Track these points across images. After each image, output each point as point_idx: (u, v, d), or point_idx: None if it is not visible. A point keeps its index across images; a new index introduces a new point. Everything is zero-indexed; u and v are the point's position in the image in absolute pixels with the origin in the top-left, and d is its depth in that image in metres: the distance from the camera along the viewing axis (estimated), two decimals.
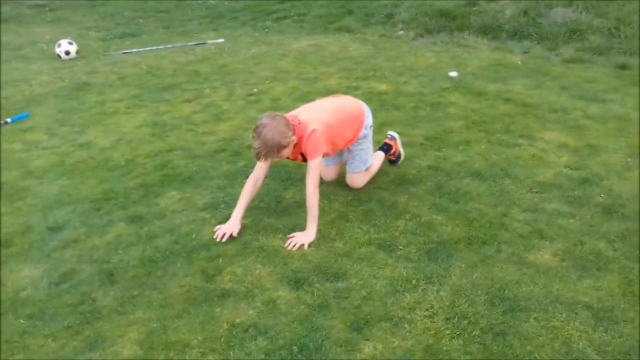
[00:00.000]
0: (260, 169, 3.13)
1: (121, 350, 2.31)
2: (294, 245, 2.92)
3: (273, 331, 2.35)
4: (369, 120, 3.38)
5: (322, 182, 3.30)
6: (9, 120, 4.94)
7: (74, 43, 7.20)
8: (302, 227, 3.04)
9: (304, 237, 2.96)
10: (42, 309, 2.57)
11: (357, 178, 3.42)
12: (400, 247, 2.88)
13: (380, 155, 3.59)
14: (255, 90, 5.53)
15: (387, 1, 8.60)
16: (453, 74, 5.68)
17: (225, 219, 3.17)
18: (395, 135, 3.74)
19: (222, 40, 7.87)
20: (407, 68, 6.04)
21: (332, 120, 3.14)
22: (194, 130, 4.60)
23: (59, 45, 7.11)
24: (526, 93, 5.05)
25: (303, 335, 2.32)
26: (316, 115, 3.11)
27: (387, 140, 3.68)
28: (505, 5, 7.58)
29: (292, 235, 2.99)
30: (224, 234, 3.02)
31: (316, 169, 3.00)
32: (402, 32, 7.83)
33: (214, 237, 3.03)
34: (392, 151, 3.65)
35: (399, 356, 2.19)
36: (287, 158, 3.12)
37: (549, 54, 6.33)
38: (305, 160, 3.12)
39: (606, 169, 3.60)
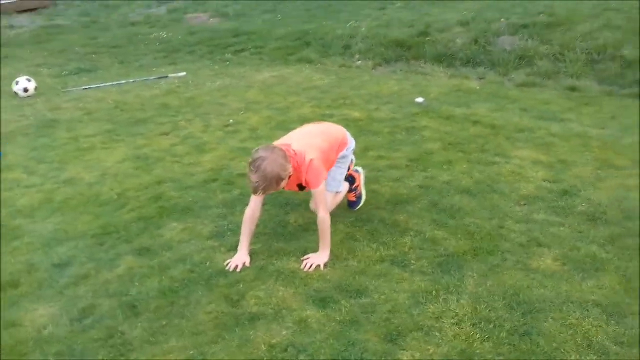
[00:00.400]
0: (256, 202, 3.13)
1: None
2: (310, 266, 2.99)
3: (311, 348, 2.43)
4: (352, 144, 3.46)
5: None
6: None
7: (32, 80, 7.05)
8: (312, 250, 3.13)
9: (318, 258, 3.03)
10: (69, 345, 2.53)
11: (326, 197, 3.23)
12: (412, 261, 3.02)
13: (346, 185, 3.53)
14: (231, 120, 5.61)
15: (343, 32, 8.93)
16: (419, 99, 5.96)
17: (234, 245, 3.23)
18: (361, 170, 3.70)
19: (184, 73, 7.92)
20: (373, 96, 6.29)
21: (324, 146, 3.20)
22: (179, 161, 4.62)
23: (17, 83, 6.94)
24: (491, 115, 5.38)
25: (341, 350, 2.41)
26: (309, 142, 3.15)
27: (351, 172, 3.59)
28: (456, 34, 8.04)
29: (306, 257, 3.07)
30: (236, 265, 3.05)
31: (322, 195, 3.08)
32: (359, 62, 8.14)
33: (227, 268, 3.06)
34: (355, 184, 3.59)
35: (453, 356, 2.31)
36: (282, 188, 3.08)
37: (503, 79, 6.76)
38: (301, 189, 3.19)
39: (580, 180, 3.90)
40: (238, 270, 3.03)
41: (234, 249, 3.21)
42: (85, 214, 3.78)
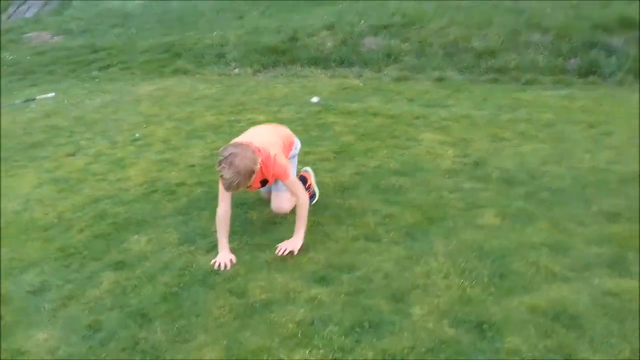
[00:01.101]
0: (226, 201, 3.23)
1: None
2: (284, 251, 3.12)
3: (335, 318, 2.67)
4: (298, 144, 3.71)
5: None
6: None
7: None
8: (287, 238, 3.33)
9: (292, 244, 3.16)
10: (100, 357, 2.50)
11: (285, 197, 3.45)
12: (382, 236, 3.38)
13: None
14: (137, 135, 5.52)
15: (212, 41, 9.04)
16: (315, 99, 6.37)
17: (210, 247, 3.34)
18: (310, 170, 3.90)
19: (53, 94, 7.50)
20: (268, 100, 6.56)
21: (281, 144, 3.40)
22: (104, 179, 4.51)
23: None
24: (385, 107, 5.95)
25: (361, 315, 2.68)
26: (268, 140, 3.30)
27: (303, 173, 3.81)
28: (324, 38, 8.59)
29: (280, 244, 3.18)
30: (224, 264, 3.13)
31: (296, 183, 3.27)
32: (237, 70, 8.34)
33: (215, 268, 3.14)
34: (308, 184, 3.74)
35: (444, 310, 2.69)
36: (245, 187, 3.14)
37: (378, 75, 7.42)
38: (263, 184, 3.39)
39: (483, 153, 4.56)
40: (228, 268, 3.14)
41: (212, 250, 3.31)
42: (32, 241, 3.59)
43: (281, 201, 3.50)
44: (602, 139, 4.69)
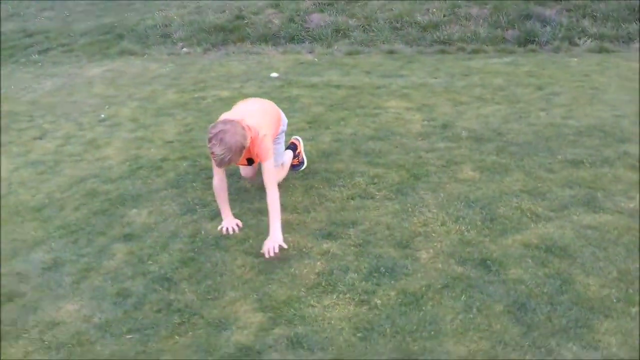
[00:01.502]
0: (219, 173, 3.25)
1: (249, 319, 2.57)
2: (275, 250, 2.94)
3: (352, 267, 2.88)
4: (285, 118, 3.78)
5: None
6: None
7: None
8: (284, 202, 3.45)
9: (274, 240, 2.97)
10: (136, 320, 2.59)
11: (275, 172, 3.42)
12: (375, 193, 3.61)
13: (289, 153, 3.84)
14: (103, 115, 5.47)
15: (156, 22, 8.91)
16: (274, 74, 6.49)
17: (212, 215, 3.47)
18: (299, 138, 4.03)
19: None
20: (227, 77, 6.62)
21: (271, 124, 3.42)
22: (83, 159, 4.48)
23: None
24: (344, 79, 6.17)
25: (375, 262, 2.90)
26: (261, 120, 3.28)
27: (293, 140, 3.96)
28: (270, 15, 8.67)
29: (263, 248, 2.99)
30: (232, 228, 3.27)
31: (273, 169, 3.18)
32: (185, 49, 8.28)
33: (224, 233, 3.26)
34: (297, 151, 3.91)
35: (448, 252, 2.96)
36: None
37: (330, 50, 7.60)
38: (250, 163, 3.45)
39: (449, 116, 4.88)
40: (237, 231, 3.27)
41: (215, 217, 3.43)
42: (28, 221, 3.57)
43: (246, 169, 3.65)
44: (552, 99, 5.13)
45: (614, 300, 2.51)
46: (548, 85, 5.51)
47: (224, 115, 3.29)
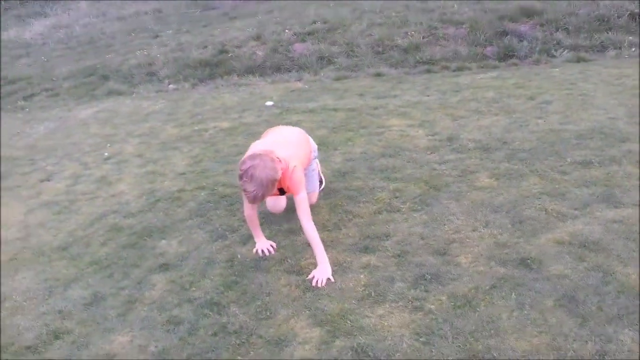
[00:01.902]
0: (250, 206, 3.19)
1: (308, 334, 2.60)
2: (322, 283, 2.95)
3: (397, 275, 2.94)
4: (314, 145, 3.66)
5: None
6: None
7: None
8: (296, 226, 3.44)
9: (323, 272, 3.00)
10: (195, 344, 2.60)
11: (314, 197, 3.62)
12: (401, 207, 3.68)
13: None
14: (106, 154, 5.46)
15: (139, 61, 8.96)
16: (269, 103, 6.59)
17: (245, 239, 3.50)
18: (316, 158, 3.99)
19: None
20: (222, 109, 6.68)
21: (301, 153, 3.31)
22: (98, 197, 4.47)
23: None
24: (340, 103, 6.30)
25: (418, 269, 2.97)
26: (293, 152, 3.20)
27: None
28: (254, 48, 8.82)
29: (310, 276, 3.01)
30: (267, 249, 3.30)
31: (305, 202, 3.08)
32: (171, 85, 8.34)
33: (260, 255, 3.29)
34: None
35: (487, 256, 3.04)
36: None
37: (318, 77, 7.76)
38: (282, 193, 3.33)
39: (451, 130, 5.02)
40: (273, 253, 3.31)
41: (247, 241, 3.47)
42: (57, 261, 3.53)
43: (275, 201, 3.51)
44: (545, 107, 5.33)
45: None
46: (538, 95, 5.73)
47: (253, 146, 3.23)
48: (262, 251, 3.31)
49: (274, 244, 3.38)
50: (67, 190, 4.66)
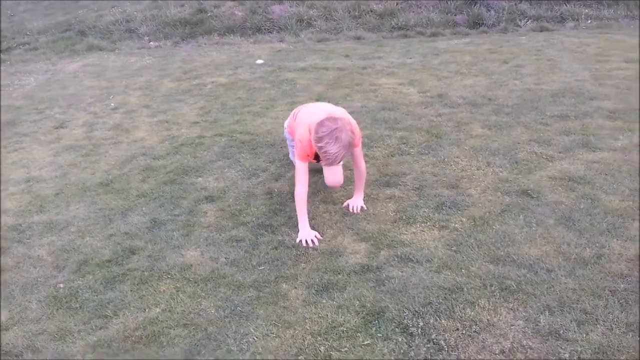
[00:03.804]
0: (303, 183, 3.18)
1: (355, 247, 3.08)
2: (357, 209, 3.39)
3: (420, 203, 3.46)
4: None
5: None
6: None
7: None
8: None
9: (357, 201, 3.41)
10: (260, 255, 3.03)
11: (340, 171, 3.47)
12: (410, 151, 4.19)
13: None
14: (112, 105, 5.68)
15: (116, 18, 9.00)
16: (259, 61, 6.92)
17: (276, 175, 3.91)
18: None
19: None
20: (214, 65, 6.96)
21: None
22: (121, 142, 4.73)
23: None
24: (329, 63, 6.71)
25: (439, 199, 3.49)
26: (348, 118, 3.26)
27: None
28: (231, 8, 9.03)
29: (345, 205, 3.43)
30: (312, 240, 3.12)
31: (361, 151, 3.35)
32: (152, 43, 8.48)
33: (304, 245, 3.11)
34: None
35: (493, 188, 3.60)
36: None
37: (300, 38, 8.11)
38: (317, 159, 3.31)
39: (438, 89, 5.55)
40: (316, 245, 3.11)
41: (279, 177, 3.88)
42: (104, 195, 3.83)
43: (336, 174, 3.40)
44: (519, 70, 5.95)
45: (634, 209, 3.25)
46: (511, 60, 6.34)
47: (315, 109, 3.33)
48: (307, 242, 3.11)
49: (319, 235, 3.17)
50: (86, 136, 4.90)
